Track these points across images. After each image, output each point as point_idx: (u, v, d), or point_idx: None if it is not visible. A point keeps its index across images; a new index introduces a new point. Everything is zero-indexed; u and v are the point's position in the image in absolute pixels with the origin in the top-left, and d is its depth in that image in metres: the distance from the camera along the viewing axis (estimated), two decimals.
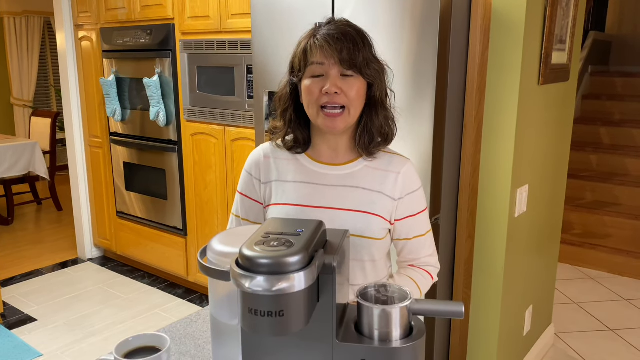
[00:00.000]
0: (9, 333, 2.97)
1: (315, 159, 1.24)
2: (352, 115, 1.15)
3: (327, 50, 1.11)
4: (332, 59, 1.11)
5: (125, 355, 0.89)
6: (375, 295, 0.87)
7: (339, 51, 1.11)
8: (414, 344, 0.81)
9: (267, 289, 0.70)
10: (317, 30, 1.15)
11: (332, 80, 1.12)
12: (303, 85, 1.16)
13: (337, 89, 1.12)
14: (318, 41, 1.12)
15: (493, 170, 2.09)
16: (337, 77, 1.12)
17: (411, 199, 1.24)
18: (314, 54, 1.13)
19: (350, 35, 1.13)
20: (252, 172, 1.28)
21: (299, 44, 1.17)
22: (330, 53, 1.11)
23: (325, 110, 1.13)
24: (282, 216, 1.21)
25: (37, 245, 4.38)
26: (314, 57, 1.13)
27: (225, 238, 0.90)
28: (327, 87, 1.12)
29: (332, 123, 1.14)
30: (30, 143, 4.81)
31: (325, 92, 1.12)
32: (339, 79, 1.12)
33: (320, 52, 1.12)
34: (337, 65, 1.12)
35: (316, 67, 1.13)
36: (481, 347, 2.25)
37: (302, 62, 1.15)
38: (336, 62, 1.12)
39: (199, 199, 3.23)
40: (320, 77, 1.13)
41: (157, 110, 3.26)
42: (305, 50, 1.14)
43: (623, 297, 3.47)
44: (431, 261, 1.30)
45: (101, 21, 3.56)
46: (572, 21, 2.32)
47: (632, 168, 4.36)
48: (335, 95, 1.12)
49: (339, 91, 1.12)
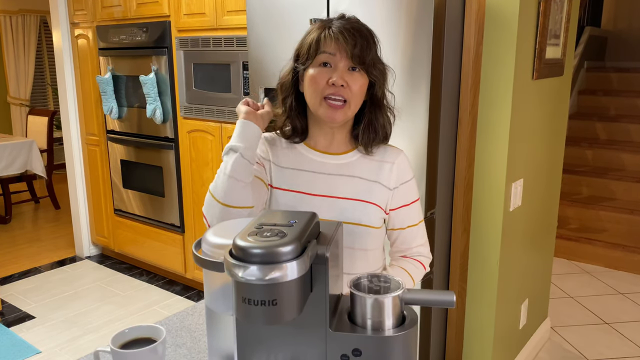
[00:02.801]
0: (8, 330, 2.97)
1: (313, 147, 1.26)
2: (351, 109, 1.18)
3: (341, 43, 1.14)
4: (344, 51, 1.14)
5: (121, 346, 0.90)
6: (368, 285, 0.88)
7: (352, 45, 1.13)
8: (406, 332, 0.82)
9: (260, 278, 0.71)
10: (330, 23, 1.17)
11: (339, 72, 1.14)
12: (308, 74, 1.17)
13: (343, 81, 1.14)
14: (333, 32, 1.14)
15: (488, 164, 2.10)
16: (344, 70, 1.15)
17: (405, 188, 1.27)
18: (327, 44, 1.15)
19: (363, 32, 1.16)
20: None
21: (308, 34, 1.19)
22: (343, 46, 1.14)
23: (329, 100, 1.15)
24: (282, 202, 1.24)
25: (35, 244, 4.39)
26: (326, 47, 1.15)
27: (219, 230, 0.91)
28: (334, 79, 1.14)
29: (333, 114, 1.16)
30: (27, 141, 4.81)
31: (332, 84, 1.14)
32: (346, 73, 1.15)
33: (334, 43, 1.14)
34: (347, 58, 1.14)
35: (326, 57, 1.15)
36: (477, 340, 2.26)
37: (312, 50, 1.16)
38: (347, 56, 1.14)
39: (196, 196, 3.24)
40: (327, 67, 1.15)
41: (154, 107, 3.26)
42: (318, 39, 1.16)
43: (619, 291, 3.49)
44: (423, 251, 1.32)
45: (97, 19, 3.56)
46: (566, 16, 2.33)
47: (627, 163, 4.38)
48: (341, 88, 1.14)
49: (345, 84, 1.14)
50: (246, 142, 1.15)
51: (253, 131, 1.17)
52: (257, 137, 1.18)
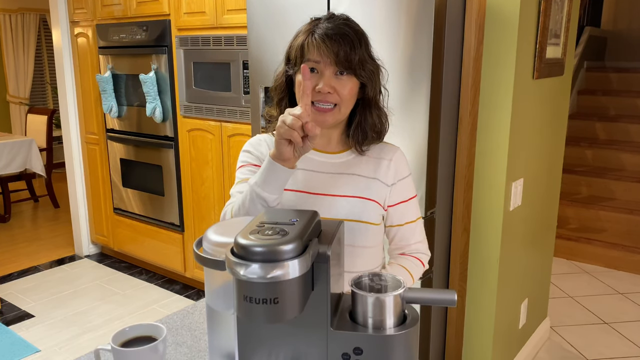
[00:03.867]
0: (7, 329, 2.97)
1: None
2: (342, 112, 1.18)
3: (323, 50, 1.13)
4: (327, 58, 1.13)
5: (122, 344, 0.90)
6: (369, 284, 0.88)
7: (335, 52, 1.12)
8: (408, 331, 0.82)
9: (261, 276, 0.71)
10: (315, 27, 1.16)
11: (325, 79, 1.14)
12: (297, 79, 1.18)
13: (330, 88, 1.14)
14: (315, 40, 1.13)
15: (488, 163, 2.10)
16: (331, 76, 1.14)
17: (403, 184, 1.27)
18: (311, 52, 1.14)
19: (347, 35, 1.14)
20: (253, 151, 1.29)
21: (296, 37, 1.19)
22: (326, 53, 1.13)
23: (317, 105, 1.15)
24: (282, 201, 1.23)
25: (34, 242, 4.39)
26: (310, 55, 1.14)
27: (220, 229, 0.91)
28: (320, 86, 1.14)
29: (322, 117, 1.16)
30: (26, 140, 4.80)
31: (318, 91, 1.14)
32: (333, 78, 1.15)
33: (317, 51, 1.13)
34: (332, 65, 1.14)
35: (312, 64, 1.15)
36: (477, 339, 2.26)
37: (298, 57, 1.16)
38: (332, 62, 1.13)
39: (196, 195, 3.24)
40: (314, 73, 1.15)
41: (154, 106, 3.26)
42: (302, 47, 1.15)
43: (618, 291, 3.49)
44: (421, 248, 1.33)
45: (97, 17, 3.56)
46: (566, 16, 2.34)
47: (627, 163, 4.38)
48: (328, 94, 1.14)
49: (332, 90, 1.14)
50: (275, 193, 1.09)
51: (283, 178, 1.09)
52: (286, 183, 1.11)
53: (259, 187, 1.09)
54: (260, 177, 1.09)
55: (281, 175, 1.08)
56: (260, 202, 1.09)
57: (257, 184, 1.09)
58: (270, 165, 1.08)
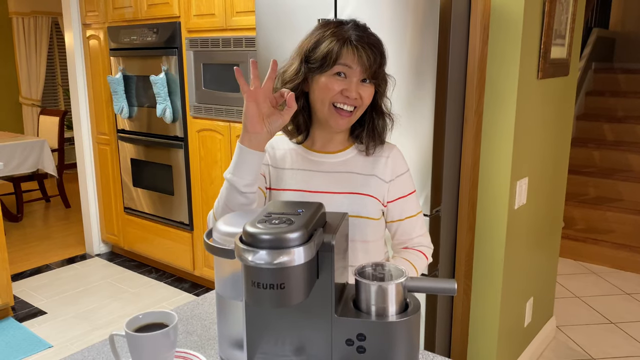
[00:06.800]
0: (20, 325, 3.03)
1: (310, 147, 1.31)
2: (356, 116, 1.23)
3: (360, 57, 1.16)
4: (361, 66, 1.17)
5: (135, 330, 0.94)
6: (372, 273, 0.91)
7: (372, 61, 1.17)
8: (409, 318, 0.86)
9: (268, 262, 0.75)
10: (347, 33, 1.18)
11: (354, 86, 1.18)
12: (320, 80, 1.19)
13: (357, 94, 1.19)
14: (354, 47, 1.16)
15: (493, 162, 2.13)
16: (357, 82, 1.19)
17: (401, 180, 1.31)
18: (347, 57, 1.17)
19: (379, 46, 1.20)
20: None
21: (323, 39, 1.18)
22: (362, 60, 1.16)
23: (339, 109, 1.19)
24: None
25: (45, 241, 4.45)
26: (346, 60, 1.17)
27: (230, 219, 0.95)
28: (350, 92, 1.18)
29: (341, 121, 1.21)
30: (38, 141, 4.87)
31: (346, 96, 1.18)
32: (359, 84, 1.19)
33: (355, 58, 1.16)
34: (362, 72, 1.18)
35: (343, 68, 1.17)
36: (482, 337, 2.28)
37: (330, 59, 1.17)
38: (363, 70, 1.17)
39: (205, 194, 3.29)
40: (340, 77, 1.18)
41: (164, 107, 3.31)
42: (339, 51, 1.17)
43: (625, 291, 3.49)
44: (424, 241, 1.36)
45: (108, 20, 3.62)
46: (571, 16, 2.36)
47: (634, 164, 4.37)
48: (354, 99, 1.19)
49: (359, 97, 1.19)
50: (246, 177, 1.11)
51: (252, 162, 1.11)
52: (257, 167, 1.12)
53: (230, 173, 1.12)
54: (232, 163, 1.13)
55: (248, 158, 1.10)
56: (234, 190, 1.12)
57: (229, 170, 1.13)
58: (239, 150, 1.11)
